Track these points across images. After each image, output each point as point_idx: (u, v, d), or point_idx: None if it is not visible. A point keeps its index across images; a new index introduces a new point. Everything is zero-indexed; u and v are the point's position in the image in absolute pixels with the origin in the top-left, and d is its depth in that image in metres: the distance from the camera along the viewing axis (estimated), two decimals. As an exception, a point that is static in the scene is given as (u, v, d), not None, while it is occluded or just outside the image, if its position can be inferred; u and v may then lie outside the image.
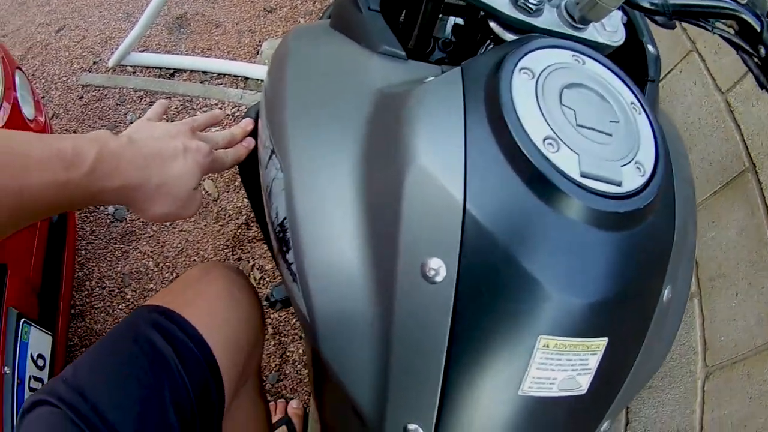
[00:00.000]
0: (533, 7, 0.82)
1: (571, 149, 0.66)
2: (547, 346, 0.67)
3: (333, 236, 0.76)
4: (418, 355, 0.71)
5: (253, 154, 1.07)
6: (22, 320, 1.74)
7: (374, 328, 0.73)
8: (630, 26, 1.02)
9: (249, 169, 1.07)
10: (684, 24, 0.89)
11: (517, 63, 0.71)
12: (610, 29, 0.89)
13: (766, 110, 1.32)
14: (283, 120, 0.84)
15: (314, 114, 0.83)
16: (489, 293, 0.66)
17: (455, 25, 1.17)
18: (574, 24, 0.85)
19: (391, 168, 0.72)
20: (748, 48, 0.85)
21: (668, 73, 1.73)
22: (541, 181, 0.64)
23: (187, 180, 0.91)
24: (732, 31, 0.87)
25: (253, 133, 1.09)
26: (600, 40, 0.87)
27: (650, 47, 1.01)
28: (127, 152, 0.83)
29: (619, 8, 0.83)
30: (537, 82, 0.71)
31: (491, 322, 0.67)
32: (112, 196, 0.83)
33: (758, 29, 0.83)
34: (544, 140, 0.66)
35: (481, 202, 0.66)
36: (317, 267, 0.76)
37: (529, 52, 0.74)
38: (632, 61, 1.01)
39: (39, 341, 1.83)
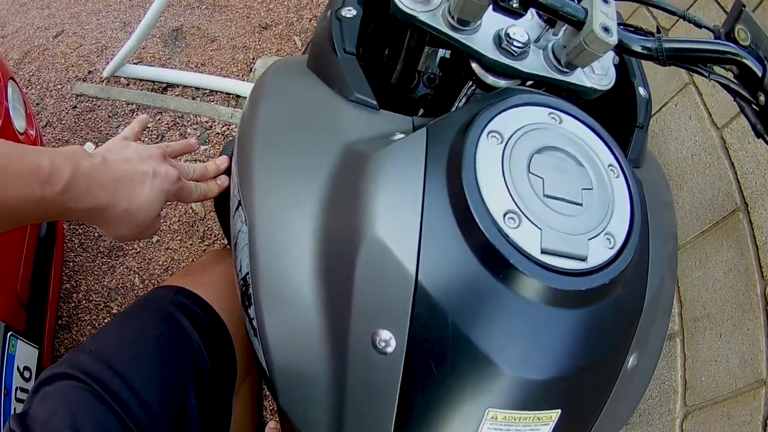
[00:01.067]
0: (517, 50, 0.81)
1: (534, 224, 0.64)
2: (495, 418, 0.66)
3: (292, 297, 0.76)
4: (368, 421, 0.71)
5: (226, 190, 1.07)
6: (9, 333, 1.74)
7: (329, 390, 0.73)
8: (621, 67, 1.00)
9: (223, 204, 1.05)
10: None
11: (485, 126, 0.69)
12: (600, 72, 0.87)
13: (762, 148, 1.31)
14: (251, 172, 0.84)
15: (281, 168, 0.82)
16: (438, 366, 0.65)
17: (442, 58, 1.15)
18: (560, 68, 0.83)
19: (348, 234, 0.71)
20: (746, 95, 0.83)
21: (663, 106, 1.71)
22: (496, 259, 0.62)
23: (152, 206, 0.91)
24: (731, 75, 0.85)
25: (228, 171, 1.10)
26: (587, 84, 0.85)
27: (641, 90, 0.99)
28: (98, 174, 0.83)
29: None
30: (505, 148, 0.68)
31: (439, 393, 0.66)
32: (81, 215, 0.84)
33: (760, 74, 0.80)
34: (505, 215, 0.64)
35: (433, 276, 0.65)
36: (276, 326, 0.76)
37: (501, 112, 0.71)
38: (621, 104, 0.99)
39: (25, 354, 1.83)
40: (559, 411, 0.68)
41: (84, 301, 2.50)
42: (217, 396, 0.96)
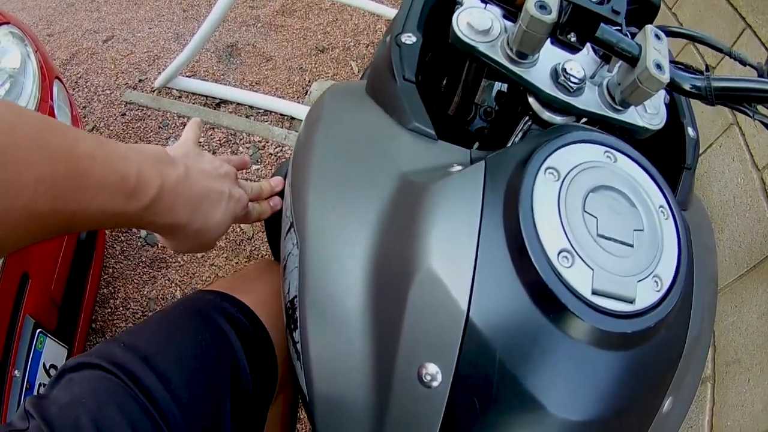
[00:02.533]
0: (574, 86, 0.81)
1: (587, 264, 0.64)
2: None
3: (339, 324, 0.75)
4: None
5: (279, 211, 1.06)
6: (39, 330, 1.75)
7: (369, 421, 0.72)
8: (672, 107, 1.00)
9: (273, 224, 1.06)
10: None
11: (543, 162, 0.69)
12: (652, 111, 0.87)
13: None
14: (305, 195, 0.83)
15: (336, 193, 0.82)
16: (482, 404, 0.65)
17: (499, 91, 1.15)
18: (614, 106, 0.84)
19: (401, 264, 0.71)
20: (789, 134, 0.83)
21: (708, 147, 1.71)
22: (548, 299, 0.62)
23: (222, 229, 0.90)
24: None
25: (281, 193, 1.09)
26: (640, 123, 0.86)
27: (690, 130, 0.99)
28: (182, 191, 0.79)
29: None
30: (562, 185, 0.68)
31: (480, 430, 0.66)
32: (155, 228, 0.80)
33: (802, 117, 0.80)
34: (559, 253, 0.63)
35: (484, 313, 0.64)
36: (321, 352, 0.75)
37: (559, 148, 0.72)
38: (670, 143, 0.99)
39: (53, 352, 1.84)
40: None
41: (121, 308, 2.51)
42: (253, 407, 0.95)
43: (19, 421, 0.75)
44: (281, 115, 3.29)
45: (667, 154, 0.99)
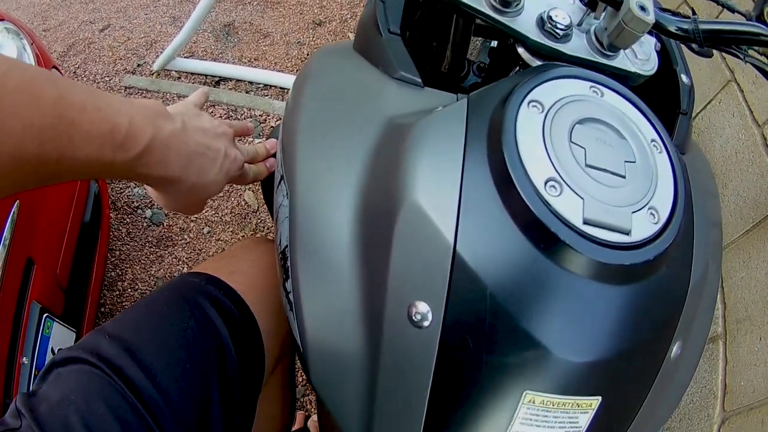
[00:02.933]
0: (560, 32, 0.81)
1: (576, 193, 0.62)
2: (533, 402, 0.63)
3: (330, 269, 0.75)
4: (402, 397, 0.69)
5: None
6: (45, 315, 1.75)
7: (362, 365, 0.71)
8: (664, 54, 0.99)
9: (269, 187, 1.06)
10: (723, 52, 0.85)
11: (526, 95, 0.68)
12: (642, 57, 0.87)
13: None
14: (294, 147, 0.84)
15: (324, 143, 0.83)
16: (475, 343, 0.63)
17: (491, 48, 1.16)
18: (604, 51, 0.83)
19: (387, 202, 0.71)
20: (781, 77, 0.82)
21: (708, 104, 1.69)
22: (538, 228, 0.61)
23: (216, 187, 0.91)
24: (765, 59, 0.85)
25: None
26: (631, 68, 0.85)
27: (684, 77, 0.98)
28: (176, 143, 0.79)
29: (651, 35, 0.81)
30: (546, 116, 0.67)
31: (475, 372, 0.64)
32: (146, 180, 0.80)
33: (793, 58, 0.80)
34: (546, 182, 0.62)
35: (472, 246, 0.63)
36: (312, 299, 0.75)
37: (542, 83, 0.71)
38: (665, 92, 0.98)
39: (61, 336, 1.84)
40: (600, 398, 0.65)
41: (129, 290, 2.52)
42: (241, 394, 0.94)
43: (11, 419, 0.76)
44: (281, 88, 3.29)
45: (663, 103, 0.98)
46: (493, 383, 0.64)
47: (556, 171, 0.63)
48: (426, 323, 0.65)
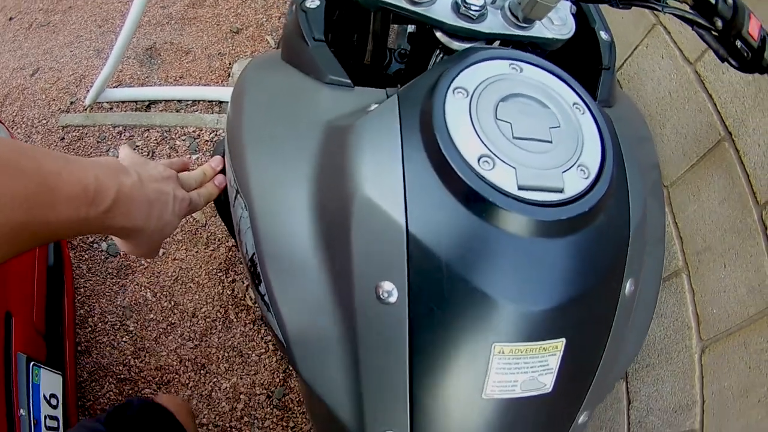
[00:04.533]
0: (475, 14, 0.83)
1: (507, 164, 0.68)
2: (503, 352, 0.69)
3: (298, 268, 0.80)
4: (384, 369, 0.74)
5: (226, 189, 1.09)
6: (32, 363, 1.75)
7: (343, 347, 0.77)
8: (581, 15, 1.02)
9: (224, 203, 1.08)
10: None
11: (450, 84, 0.73)
12: (558, 23, 0.89)
13: (737, 77, 1.31)
14: (243, 161, 0.88)
15: (271, 151, 0.86)
16: (440, 309, 0.69)
17: (409, 33, 1.17)
18: (519, 24, 0.85)
19: (339, 200, 0.75)
20: (703, 22, 0.85)
21: (634, 49, 1.72)
22: (477, 200, 0.66)
23: (171, 228, 0.94)
24: (686, 6, 0.86)
25: (223, 170, 1.12)
26: (548, 35, 0.88)
27: (603, 34, 1.01)
28: (137, 195, 0.83)
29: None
30: (471, 100, 0.72)
31: (446, 335, 0.70)
32: (114, 233, 0.85)
33: (713, 1, 0.82)
34: (479, 159, 0.67)
35: (422, 225, 0.69)
36: (286, 297, 0.80)
37: (464, 69, 0.75)
38: (587, 50, 1.01)
39: (50, 381, 1.85)
40: (564, 340, 0.71)
41: (100, 324, 2.52)
42: None
43: None
44: (210, 102, 3.31)
45: (587, 61, 1.02)
46: (464, 342, 0.70)
47: (487, 147, 0.68)
48: (393, 299, 0.71)
